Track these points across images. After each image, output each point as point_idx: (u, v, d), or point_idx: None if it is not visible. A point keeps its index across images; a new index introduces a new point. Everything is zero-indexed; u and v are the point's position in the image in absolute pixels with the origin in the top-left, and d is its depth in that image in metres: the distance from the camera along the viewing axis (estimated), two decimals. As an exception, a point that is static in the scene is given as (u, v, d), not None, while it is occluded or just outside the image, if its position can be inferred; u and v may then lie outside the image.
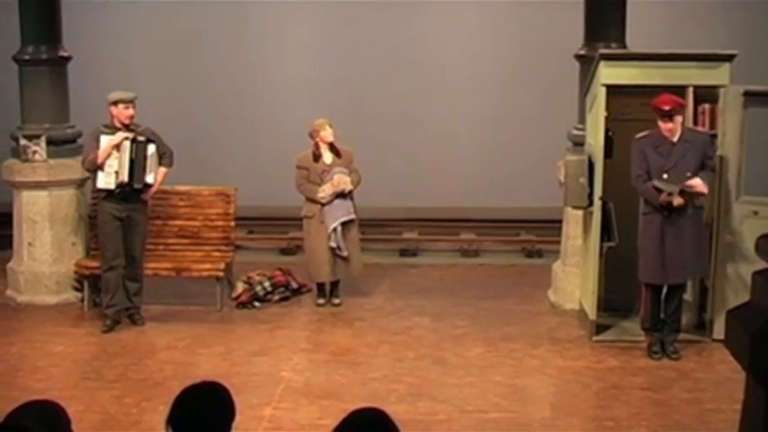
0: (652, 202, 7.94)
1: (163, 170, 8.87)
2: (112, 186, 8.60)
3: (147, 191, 8.79)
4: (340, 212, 9.31)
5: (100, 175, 8.62)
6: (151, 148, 8.69)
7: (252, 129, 13.21)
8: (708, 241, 8.31)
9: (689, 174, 7.84)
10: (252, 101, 13.24)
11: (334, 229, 9.29)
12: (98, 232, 8.97)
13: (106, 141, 8.58)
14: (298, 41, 13.30)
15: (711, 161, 8.04)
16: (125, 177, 8.57)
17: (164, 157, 8.86)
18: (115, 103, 8.65)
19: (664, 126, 7.88)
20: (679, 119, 7.91)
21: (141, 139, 8.64)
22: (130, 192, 8.66)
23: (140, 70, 13.23)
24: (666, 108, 7.83)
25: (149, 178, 8.69)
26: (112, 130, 8.66)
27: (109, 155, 8.57)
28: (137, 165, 8.59)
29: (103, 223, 8.78)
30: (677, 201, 7.82)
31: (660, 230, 7.92)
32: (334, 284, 9.58)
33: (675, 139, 7.93)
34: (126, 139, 8.59)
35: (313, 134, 9.34)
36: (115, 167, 8.57)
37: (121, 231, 8.76)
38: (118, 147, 8.58)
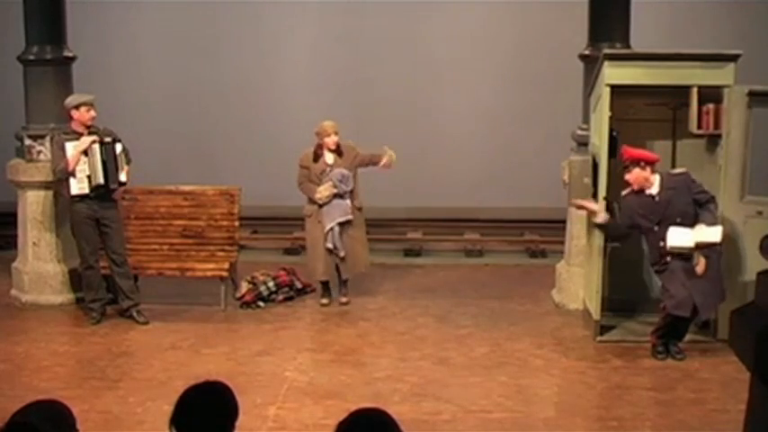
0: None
1: (126, 168, 8.97)
2: (87, 191, 8.76)
3: (118, 190, 8.93)
4: (337, 213, 9.30)
5: (72, 182, 8.76)
6: (119, 147, 8.84)
7: (257, 129, 13.22)
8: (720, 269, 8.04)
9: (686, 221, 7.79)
10: (257, 101, 13.25)
11: (331, 230, 9.30)
12: (74, 234, 9.03)
13: (72, 148, 8.71)
14: (302, 42, 13.31)
15: (703, 194, 7.91)
16: (100, 179, 8.72)
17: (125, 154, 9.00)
18: (77, 106, 8.77)
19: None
20: (639, 172, 7.85)
21: (108, 139, 8.78)
22: (105, 192, 8.79)
23: (146, 70, 13.27)
24: (622, 160, 7.95)
25: (122, 176, 8.85)
26: (74, 135, 8.79)
27: (78, 160, 8.68)
28: (109, 165, 8.73)
29: (78, 224, 8.90)
30: (701, 267, 7.71)
31: (677, 276, 7.81)
32: (344, 282, 9.57)
33: (656, 191, 7.89)
34: (94, 142, 8.71)
35: (318, 135, 9.36)
36: (86, 172, 8.73)
37: (97, 230, 8.88)
38: (86, 151, 8.69)
